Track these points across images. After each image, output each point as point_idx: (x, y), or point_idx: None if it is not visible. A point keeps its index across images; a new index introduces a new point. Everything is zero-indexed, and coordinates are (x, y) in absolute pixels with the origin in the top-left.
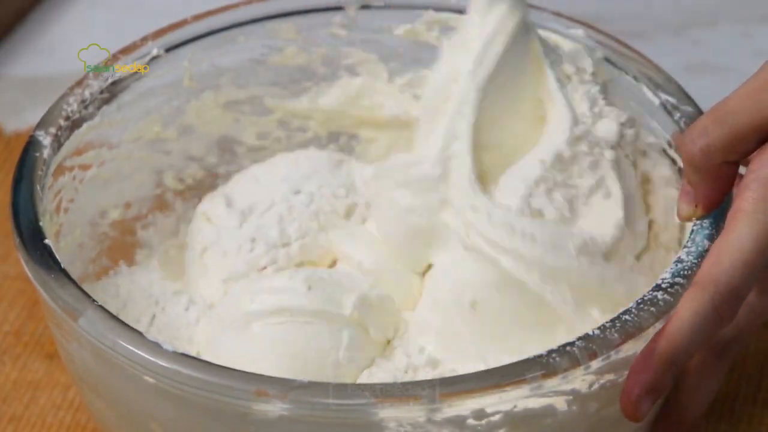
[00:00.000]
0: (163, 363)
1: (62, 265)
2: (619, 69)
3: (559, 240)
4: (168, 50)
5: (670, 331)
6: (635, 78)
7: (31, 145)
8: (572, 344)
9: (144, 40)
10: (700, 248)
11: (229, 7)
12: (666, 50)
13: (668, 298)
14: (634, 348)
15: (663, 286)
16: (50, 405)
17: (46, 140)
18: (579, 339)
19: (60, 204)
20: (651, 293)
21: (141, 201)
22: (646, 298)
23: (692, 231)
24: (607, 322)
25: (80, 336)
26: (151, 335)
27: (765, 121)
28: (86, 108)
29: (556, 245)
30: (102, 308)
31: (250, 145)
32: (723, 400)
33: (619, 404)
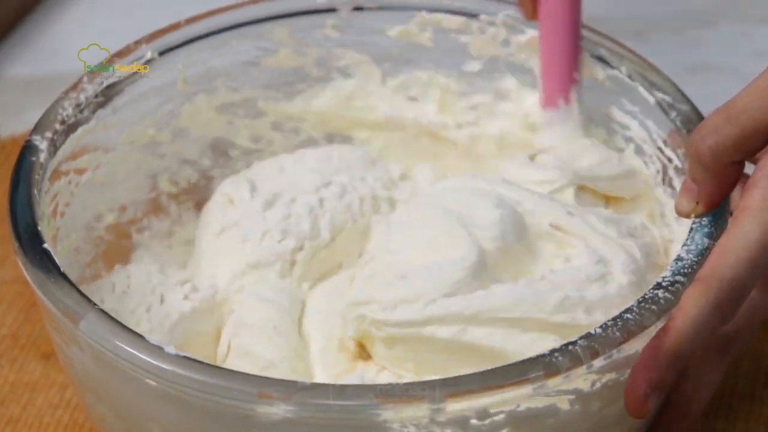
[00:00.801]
0: (165, 366)
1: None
2: (614, 68)
3: None
4: (162, 53)
5: (675, 328)
6: (630, 77)
7: (28, 150)
8: (574, 343)
9: (138, 44)
10: (700, 246)
11: (223, 10)
12: (666, 50)
13: (669, 296)
14: (636, 346)
15: (664, 285)
16: (47, 405)
17: (43, 144)
18: (581, 338)
19: (56, 208)
20: (652, 291)
21: (136, 204)
22: (648, 297)
23: (691, 229)
24: (609, 321)
25: (80, 339)
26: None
27: None
28: (81, 112)
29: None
30: (103, 311)
31: (245, 148)
32: (720, 398)
33: (624, 402)
